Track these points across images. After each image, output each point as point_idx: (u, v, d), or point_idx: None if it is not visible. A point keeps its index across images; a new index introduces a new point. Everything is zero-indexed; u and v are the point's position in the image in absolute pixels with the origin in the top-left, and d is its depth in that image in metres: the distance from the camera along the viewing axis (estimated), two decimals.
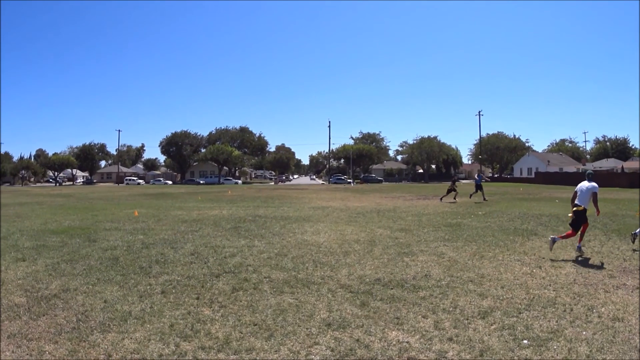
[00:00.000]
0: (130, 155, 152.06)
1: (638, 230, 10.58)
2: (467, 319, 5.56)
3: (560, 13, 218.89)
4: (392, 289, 6.93)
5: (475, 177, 30.31)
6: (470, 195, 28.92)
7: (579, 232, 10.00)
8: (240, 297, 6.38)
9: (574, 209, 10.00)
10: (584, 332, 5.13)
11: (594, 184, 9.88)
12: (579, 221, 9.92)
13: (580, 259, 9.38)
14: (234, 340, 4.79)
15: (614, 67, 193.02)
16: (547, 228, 14.08)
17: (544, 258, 9.37)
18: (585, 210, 9.87)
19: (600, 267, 8.56)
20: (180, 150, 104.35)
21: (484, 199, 27.04)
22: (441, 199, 28.28)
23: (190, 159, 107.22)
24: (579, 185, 10.14)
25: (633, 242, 10.47)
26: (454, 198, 27.76)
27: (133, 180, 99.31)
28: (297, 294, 6.56)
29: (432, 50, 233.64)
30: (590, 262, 9.02)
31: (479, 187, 28.23)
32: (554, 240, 9.85)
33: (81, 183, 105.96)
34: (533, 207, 22.79)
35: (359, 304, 6.12)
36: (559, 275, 7.86)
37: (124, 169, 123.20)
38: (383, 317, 5.57)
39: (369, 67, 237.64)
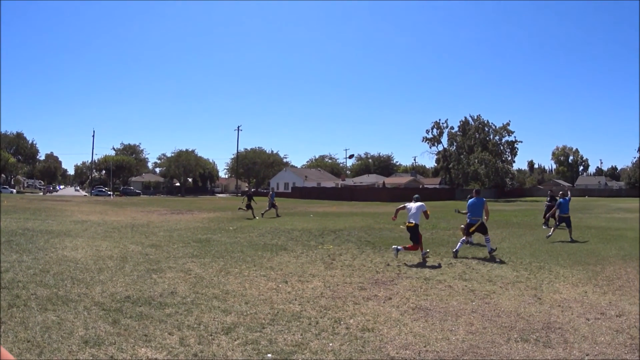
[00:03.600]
0: None
1: (458, 245, 12.93)
2: (211, 335, 5.92)
3: (318, 31, 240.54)
4: (140, 306, 7.27)
5: (270, 193, 31.86)
6: (262, 214, 28.89)
7: (419, 244, 12.08)
8: (15, 314, 6.66)
9: (407, 224, 12.17)
10: (331, 344, 5.74)
11: (422, 203, 12.34)
12: (415, 235, 12.01)
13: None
14: (15, 357, 4.59)
15: (376, 88, 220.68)
16: (298, 243, 15.44)
17: (291, 273, 10.26)
18: (417, 225, 12.05)
19: (350, 280, 9.66)
20: None
21: (251, 211, 28.23)
22: (246, 208, 28.63)
23: None
24: (409, 205, 12.40)
25: (455, 256, 12.57)
26: (253, 214, 27.96)
27: None
28: (58, 311, 6.86)
29: (191, 64, 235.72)
30: (340, 275, 10.15)
31: (272, 204, 29.59)
32: (397, 250, 11.84)
33: None
34: (286, 222, 24.77)
35: (111, 321, 6.44)
36: (305, 290, 8.69)
37: None
38: (133, 335, 5.90)
39: (132, 78, 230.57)
